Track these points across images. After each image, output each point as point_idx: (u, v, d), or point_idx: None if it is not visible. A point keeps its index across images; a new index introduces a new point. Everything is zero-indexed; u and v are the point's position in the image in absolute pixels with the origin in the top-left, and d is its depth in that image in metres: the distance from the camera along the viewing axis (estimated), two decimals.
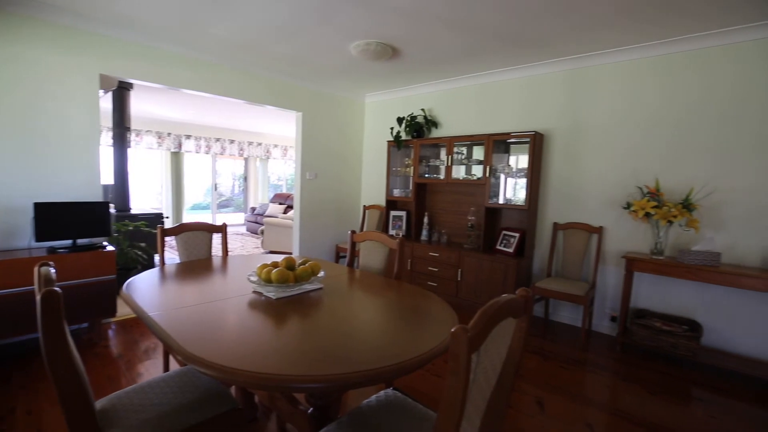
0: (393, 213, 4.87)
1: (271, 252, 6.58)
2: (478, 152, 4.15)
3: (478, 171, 4.13)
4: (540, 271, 3.85)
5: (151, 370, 2.58)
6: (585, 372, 2.80)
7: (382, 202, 5.12)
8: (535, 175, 3.67)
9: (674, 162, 3.11)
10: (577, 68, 3.56)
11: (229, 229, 9.04)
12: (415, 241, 4.46)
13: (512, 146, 3.97)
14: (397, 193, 4.83)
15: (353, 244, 2.58)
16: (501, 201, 3.92)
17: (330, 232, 5.27)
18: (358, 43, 3.38)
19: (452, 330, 0.84)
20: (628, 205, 3.11)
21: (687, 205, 2.86)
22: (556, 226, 3.67)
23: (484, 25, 2.92)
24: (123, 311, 3.45)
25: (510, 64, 3.83)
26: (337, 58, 3.83)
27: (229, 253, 5.97)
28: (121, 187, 4.80)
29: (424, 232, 4.51)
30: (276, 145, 9.95)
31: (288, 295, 1.79)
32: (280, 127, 8.56)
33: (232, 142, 9.07)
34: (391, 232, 4.82)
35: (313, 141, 4.93)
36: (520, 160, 3.89)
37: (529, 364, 2.87)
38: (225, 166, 9.96)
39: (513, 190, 3.96)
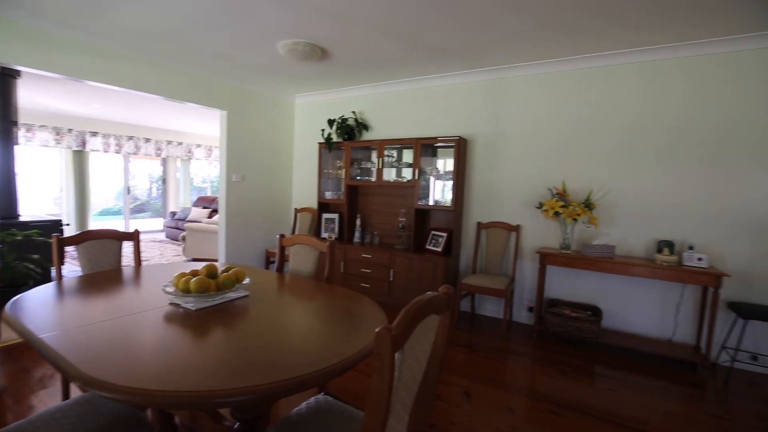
0: (325, 215, 4.82)
1: (194, 260, 6.14)
2: (408, 155, 4.28)
3: (408, 174, 4.25)
4: (466, 268, 4.08)
5: (47, 400, 2.26)
6: (507, 360, 3.02)
7: (314, 205, 5.05)
8: (460, 177, 3.88)
9: (579, 166, 3.50)
10: (497, 78, 3.84)
11: (145, 236, 8.26)
12: (348, 243, 4.47)
13: (439, 150, 4.16)
14: (329, 195, 4.80)
15: (282, 249, 2.51)
16: (430, 202, 4.08)
17: (259, 236, 5.07)
18: (285, 42, 3.30)
19: (376, 330, 0.86)
20: (540, 205, 3.43)
21: (588, 205, 3.23)
22: (480, 226, 3.92)
23: (412, 33, 3.02)
24: (9, 336, 2.98)
25: (437, 72, 4.02)
26: (264, 56, 3.70)
27: (144, 263, 5.46)
28: (6, 191, 4.14)
29: (357, 234, 4.53)
30: (199, 145, 9.31)
31: (209, 305, 1.69)
32: (203, 126, 8.03)
33: (147, 140, 8.30)
34: (324, 234, 4.77)
35: (240, 141, 4.70)
36: (447, 163, 4.08)
37: (458, 357, 3.02)
38: (140, 167, 9.08)
39: (441, 192, 4.14)
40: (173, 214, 8.41)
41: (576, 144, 3.51)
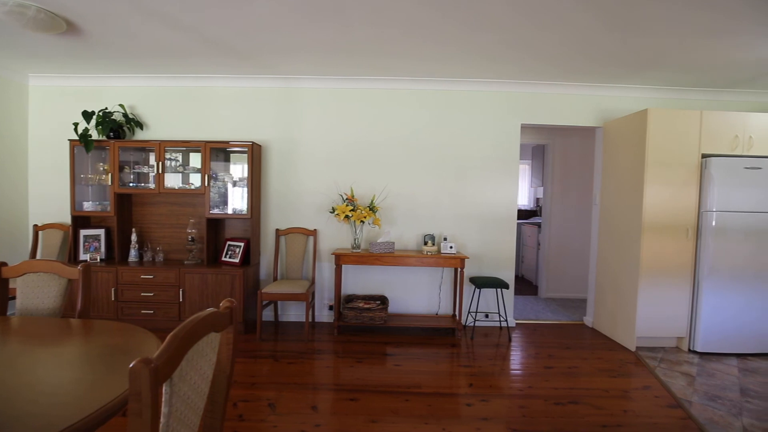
0: (85, 232, 3.83)
1: None
2: (196, 159, 3.87)
3: (196, 180, 3.84)
4: (267, 276, 4.00)
5: None
6: (311, 361, 3.11)
7: (67, 220, 3.94)
8: (255, 184, 3.77)
9: (364, 174, 3.94)
10: (290, 87, 3.92)
11: None
12: (122, 263, 3.68)
13: (233, 155, 3.92)
14: (89, 206, 3.83)
15: (4, 282, 1.84)
16: (224, 211, 3.80)
17: None
18: (4, 1, 2.45)
19: (130, 366, 0.73)
20: (333, 210, 3.70)
21: (372, 208, 3.69)
22: (278, 232, 3.91)
23: (192, 24, 2.74)
24: None
25: (230, 72, 3.79)
26: None
27: None
28: None
29: (134, 252, 3.79)
30: None
31: None
32: None
33: None
34: (85, 256, 3.78)
35: None
36: (241, 169, 3.89)
37: (262, 369, 2.92)
38: None
39: (236, 199, 3.92)
40: None
41: (362, 154, 3.94)
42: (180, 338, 0.85)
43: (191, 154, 3.91)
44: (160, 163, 3.67)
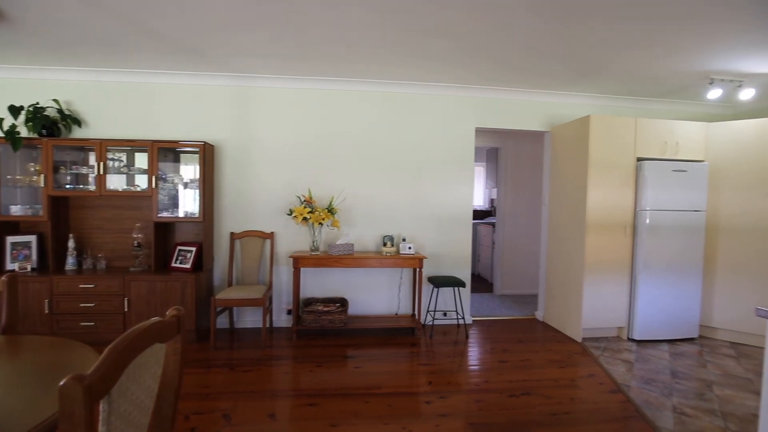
0: (12, 239, 3.48)
1: None
2: (142, 160, 3.64)
3: (143, 181, 3.62)
4: (222, 281, 3.84)
5: None
6: (269, 367, 3.03)
7: None
8: (208, 186, 3.61)
9: (322, 175, 3.90)
10: (245, 86, 3.79)
11: None
12: (58, 272, 3.39)
13: (183, 155, 3.74)
14: (17, 210, 3.49)
15: None
16: (174, 214, 3.61)
17: None
18: None
19: (60, 384, 0.68)
20: (291, 212, 3.63)
21: (330, 210, 3.66)
22: (233, 236, 3.77)
23: (131, 14, 2.58)
24: None
25: (178, 69, 3.61)
26: None
27: None
28: None
29: (71, 260, 3.50)
30: None
31: None
32: None
33: None
34: (12, 266, 3.44)
35: None
36: (192, 170, 3.71)
37: (217, 379, 2.80)
38: None
39: (187, 201, 3.73)
40: None
41: (319, 155, 3.90)
42: (119, 351, 0.80)
43: (137, 154, 3.68)
44: (102, 163, 3.42)
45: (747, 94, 3.59)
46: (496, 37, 2.81)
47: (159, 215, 3.49)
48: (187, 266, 3.50)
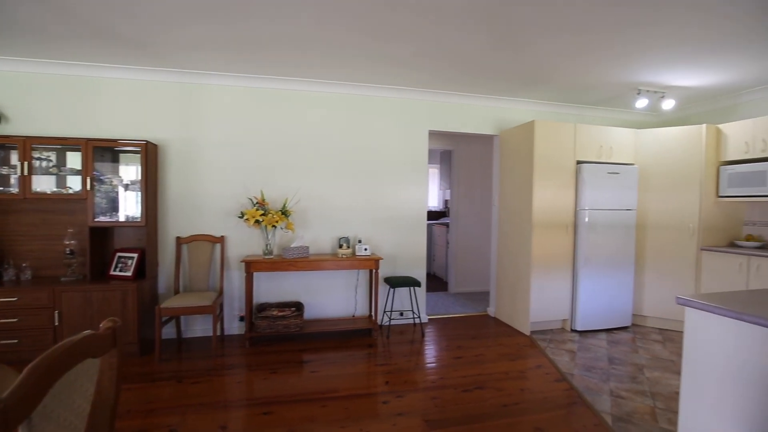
0: None
1: None
2: (75, 160, 3.35)
3: (76, 183, 3.33)
4: (168, 289, 3.63)
5: None
6: (220, 377, 2.90)
7: None
8: (151, 188, 3.40)
9: (276, 177, 3.80)
10: (194, 83, 3.61)
11: None
12: None
13: (124, 155, 3.48)
14: None
15: None
16: (113, 218, 3.36)
17: None
18: None
19: None
20: (242, 215, 3.50)
21: (284, 212, 3.58)
22: (180, 240, 3.58)
23: (58, 3, 2.38)
24: None
25: (118, 62, 3.36)
26: None
27: None
28: None
29: None
30: None
31: None
32: None
33: None
34: None
35: None
36: (135, 171, 3.47)
37: (163, 393, 2.64)
38: None
39: (128, 205, 3.48)
40: None
41: (273, 156, 3.80)
42: (41, 370, 0.73)
43: (69, 154, 3.38)
44: (26, 163, 3.11)
45: (668, 104, 3.98)
46: (448, 44, 2.89)
47: (95, 220, 3.23)
48: (129, 274, 3.27)
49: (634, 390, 2.75)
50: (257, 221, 3.44)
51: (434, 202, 7.89)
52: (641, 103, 3.91)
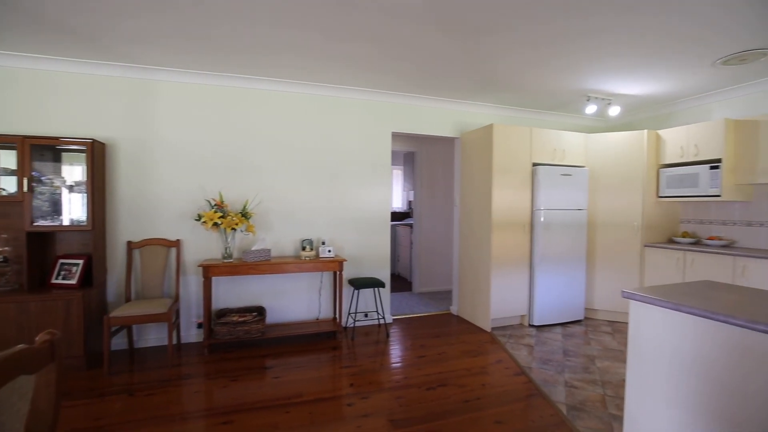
0: None
1: None
2: (9, 159, 3.08)
3: (10, 184, 3.06)
4: (117, 297, 3.41)
5: None
6: (177, 388, 2.76)
7: None
8: (98, 189, 3.19)
9: (235, 177, 3.68)
10: (147, 79, 3.42)
11: None
12: None
13: (67, 155, 3.25)
14: None
15: None
16: (55, 222, 3.12)
17: None
18: None
19: None
20: (199, 217, 3.37)
21: (245, 214, 3.47)
22: (131, 245, 3.38)
23: None
24: None
25: (59, 54, 3.12)
26: None
27: None
28: None
29: None
30: None
31: None
32: None
33: None
34: None
35: None
36: (80, 171, 3.24)
37: (112, 408, 2.48)
38: None
39: (73, 208, 3.25)
40: None
41: (232, 157, 3.68)
42: None
43: (2, 152, 3.10)
44: None
45: (615, 110, 4.25)
46: (408, 47, 2.93)
47: (34, 224, 2.99)
48: (73, 282, 3.05)
49: (586, 380, 2.91)
50: (216, 224, 3.32)
51: (398, 203, 7.96)
52: (590, 109, 4.15)
